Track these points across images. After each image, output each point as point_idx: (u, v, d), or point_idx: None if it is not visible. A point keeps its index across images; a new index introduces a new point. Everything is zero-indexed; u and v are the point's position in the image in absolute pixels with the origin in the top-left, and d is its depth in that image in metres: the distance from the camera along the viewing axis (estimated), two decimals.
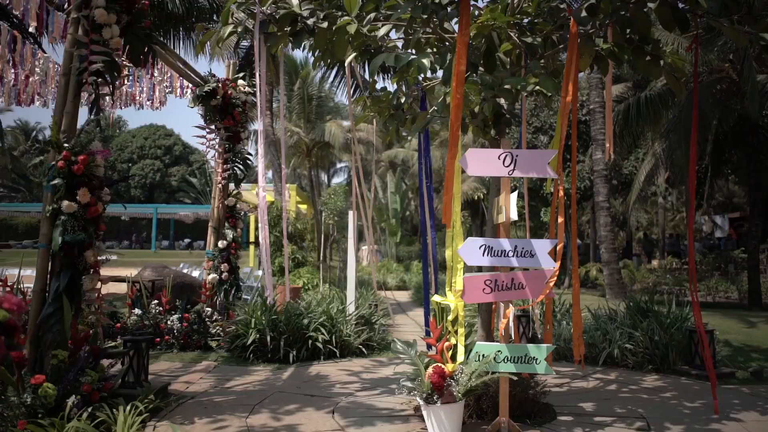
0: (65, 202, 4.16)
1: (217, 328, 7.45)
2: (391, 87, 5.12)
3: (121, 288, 10.56)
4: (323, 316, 7.30)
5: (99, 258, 4.50)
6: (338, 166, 45.20)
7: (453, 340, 4.12)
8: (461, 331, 4.10)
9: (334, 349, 7.01)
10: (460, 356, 4.05)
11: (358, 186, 7.07)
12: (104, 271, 4.78)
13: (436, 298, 4.24)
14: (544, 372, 4.06)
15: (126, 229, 53.16)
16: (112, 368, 4.80)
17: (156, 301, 7.54)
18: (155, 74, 7.08)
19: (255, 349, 6.82)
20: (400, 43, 4.97)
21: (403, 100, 4.92)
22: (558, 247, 4.14)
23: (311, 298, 8.67)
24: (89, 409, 4.01)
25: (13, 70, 6.34)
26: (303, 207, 27.86)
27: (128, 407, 4.19)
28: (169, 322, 7.30)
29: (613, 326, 6.88)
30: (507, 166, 4.14)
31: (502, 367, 4.07)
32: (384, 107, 4.91)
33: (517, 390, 4.48)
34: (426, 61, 4.03)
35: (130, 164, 53.86)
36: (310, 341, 6.95)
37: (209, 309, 7.62)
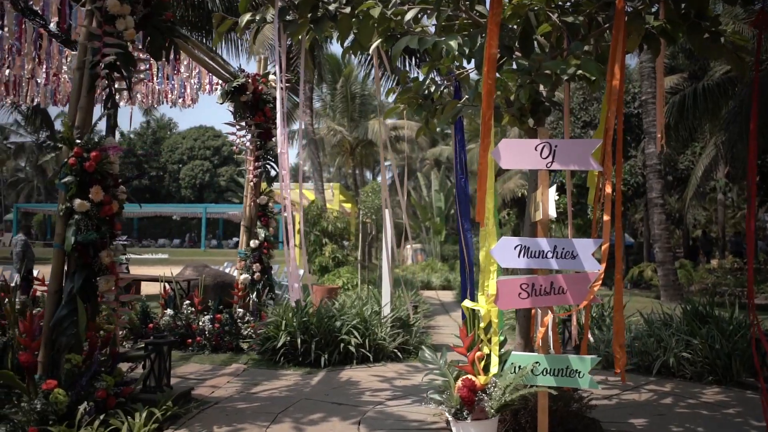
0: (77, 201, 4.01)
1: (249, 329, 7.27)
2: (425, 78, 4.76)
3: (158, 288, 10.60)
4: (356, 319, 7.02)
5: (115, 258, 4.34)
6: (384, 164, 44.98)
7: (486, 350, 3.76)
8: (495, 339, 3.73)
9: (368, 353, 6.72)
10: (494, 368, 3.68)
11: (400, 185, 6.75)
12: (150, 271, 4.65)
13: (466, 303, 3.89)
14: (588, 386, 3.65)
15: (177, 228, 54.51)
16: (132, 371, 4.64)
17: (188, 302, 7.43)
18: (181, 70, 6.96)
19: (285, 352, 6.60)
20: (432, 30, 4.64)
21: (432, 89, 4.58)
22: (603, 247, 3.72)
23: (345, 299, 8.42)
24: (102, 416, 3.84)
25: (43, 69, 6.34)
26: (347, 206, 27.76)
27: (144, 414, 4.02)
28: (200, 323, 7.18)
29: (668, 332, 6.34)
30: (545, 158, 3.74)
31: (541, 381, 3.68)
32: (413, 97, 4.58)
33: (559, 404, 4.08)
34: (453, 44, 3.69)
35: (180, 165, 55.17)
36: (342, 344, 6.68)
37: (241, 310, 7.46)
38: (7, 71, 6.65)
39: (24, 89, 7.21)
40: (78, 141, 4.03)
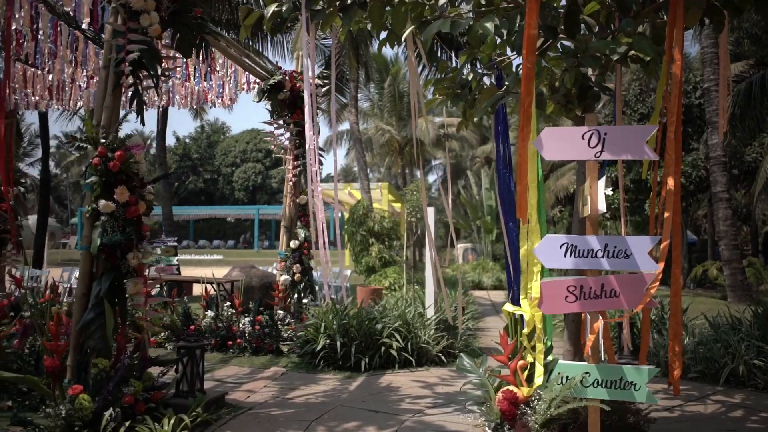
0: (102, 202, 3.92)
1: (289, 331, 7.14)
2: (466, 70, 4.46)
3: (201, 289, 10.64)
4: (398, 321, 6.77)
5: (145, 260, 4.24)
6: (433, 163, 44.60)
7: (529, 358, 3.44)
8: (539, 347, 3.41)
9: (410, 357, 6.46)
10: (538, 378, 3.36)
11: (443, 185, 6.46)
12: (203, 272, 4.55)
13: (507, 307, 3.57)
14: (645, 400, 3.28)
15: (232, 230, 55.67)
16: (163, 375, 4.54)
17: (228, 303, 7.36)
18: (217, 68, 6.90)
19: (325, 356, 6.42)
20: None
21: (470, 78, 4.27)
22: (662, 245, 3.34)
23: (388, 301, 8.18)
24: (128, 423, 3.73)
25: (84, 73, 6.39)
26: (397, 205, 27.53)
27: (172, 420, 3.90)
28: (241, 325, 7.09)
29: (736, 337, 5.80)
30: (593, 147, 3.39)
31: (591, 393, 3.33)
32: (450, 87, 4.29)
33: (613, 418, 3.71)
34: (490, 26, 3.38)
35: (233, 168, 56.31)
36: (383, 348, 6.45)
37: (281, 311, 7.34)
38: (50, 76, 6.75)
39: (68, 93, 7.32)
40: (102, 140, 3.95)
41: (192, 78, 7.07)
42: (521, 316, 3.58)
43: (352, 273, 15.41)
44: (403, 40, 4.25)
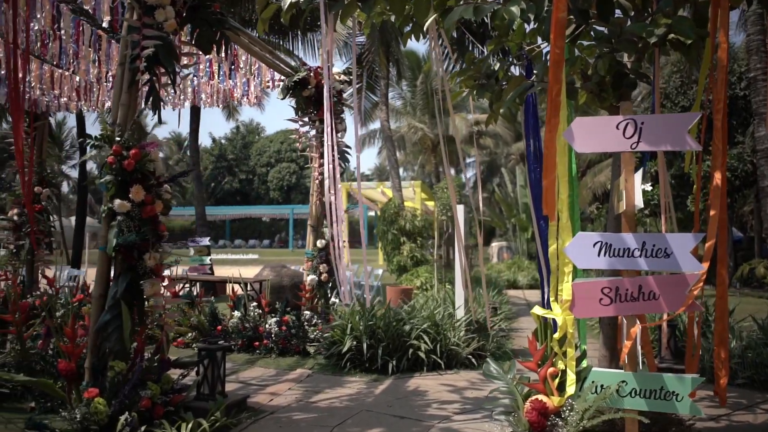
0: (117, 201, 3.85)
1: (316, 332, 7.02)
2: (492, 62, 4.22)
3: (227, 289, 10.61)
4: (427, 322, 6.58)
5: (163, 261, 4.15)
6: (467, 161, 44.16)
7: (560, 365, 3.21)
8: (571, 353, 3.18)
9: (438, 360, 6.25)
10: (571, 387, 3.13)
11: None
12: (234, 271, 4.47)
13: (536, 310, 3.35)
14: (688, 412, 3.02)
15: (267, 229, 56.30)
16: (183, 378, 4.45)
17: (255, 303, 7.28)
18: (240, 66, 6.81)
19: (352, 357, 6.27)
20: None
21: (497, 68, 4.05)
22: (707, 244, 3.07)
23: (418, 301, 7.99)
24: (144, 428, 3.64)
25: (110, 73, 6.39)
26: (430, 204, 27.26)
27: (189, 425, 3.80)
28: (267, 326, 7.00)
29: None
30: (628, 138, 3.14)
31: (629, 403, 3.08)
32: (475, 77, 4.07)
33: (653, 430, 3.44)
34: (515, 10, 3.17)
35: (268, 168, 56.87)
36: (411, 350, 6.26)
37: (308, 312, 7.22)
38: (77, 78, 6.77)
39: (95, 93, 7.35)
40: (118, 139, 3.87)
41: (216, 76, 7.00)
42: (552, 319, 3.35)
43: (384, 272, 15.27)
44: (425, 29, 4.06)
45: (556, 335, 3.21)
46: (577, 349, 3.57)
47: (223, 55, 6.02)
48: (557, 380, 3.16)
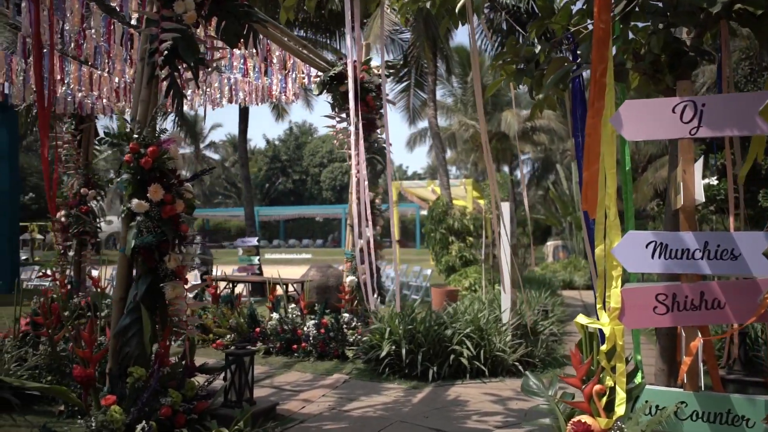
0: (135, 201, 3.70)
1: (356, 335, 6.78)
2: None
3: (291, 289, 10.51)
4: (470, 326, 6.23)
5: (186, 262, 3.99)
6: (522, 158, 43.14)
7: (609, 382, 2.83)
8: (621, 368, 2.79)
9: (482, 367, 5.90)
10: (620, 407, 2.74)
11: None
12: (289, 271, 4.31)
13: (580, 319, 2.97)
14: None
15: (320, 229, 56.76)
16: (209, 384, 4.28)
17: (293, 305, 7.11)
18: (274, 61, 6.63)
19: (390, 363, 6.00)
20: None
21: (537, 50, 3.67)
22: None
23: (462, 302, 7.64)
24: None
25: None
26: (482, 202, 26.68)
27: None
28: (305, 328, 6.81)
29: None
30: (687, 123, 2.74)
31: (689, 428, 2.68)
32: (512, 61, 3.71)
33: None
34: None
35: (321, 168, 57.37)
36: (452, 356, 5.94)
37: (347, 314, 6.99)
38: (116, 79, 6.78)
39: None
40: (136, 136, 3.73)
41: (251, 73, 6.86)
42: (599, 329, 2.97)
43: (432, 272, 14.94)
44: (456, 10, 3.74)
45: (604, 347, 2.83)
46: (629, 362, 3.17)
47: (254, 50, 5.87)
48: (605, 399, 2.78)
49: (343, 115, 7.05)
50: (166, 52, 3.76)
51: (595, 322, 2.87)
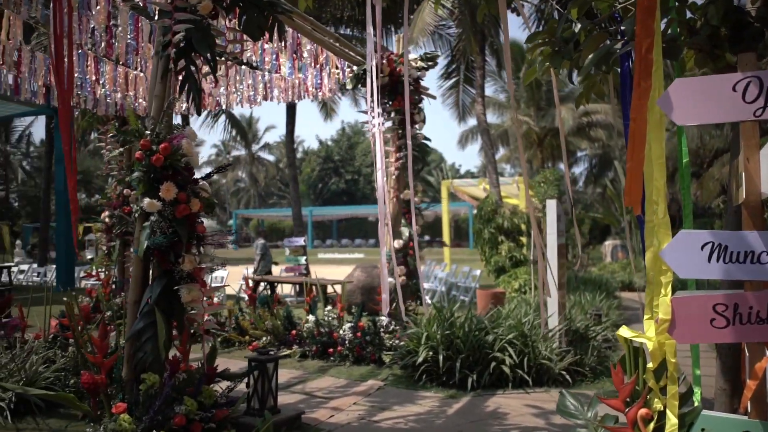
0: (146, 200, 3.55)
1: (393, 340, 6.50)
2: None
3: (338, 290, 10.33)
4: (513, 332, 5.85)
5: (204, 264, 3.82)
6: (578, 155, 41.82)
7: (657, 405, 2.45)
8: (673, 390, 2.41)
9: (525, 376, 5.51)
10: None
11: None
12: (339, 271, 4.12)
13: (623, 332, 2.60)
14: None
15: (372, 228, 56.78)
16: (230, 391, 4.10)
17: (329, 308, 6.90)
18: (305, 55, 6.41)
19: (427, 370, 5.70)
20: None
21: (577, 29, 3.29)
22: None
23: (508, 305, 7.24)
24: None
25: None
26: (536, 200, 25.87)
27: None
28: (341, 332, 6.59)
29: None
30: (750, 102, 2.33)
31: None
32: (548, 42, 3.34)
33: None
34: None
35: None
36: (493, 363, 5.58)
37: (385, 317, 6.72)
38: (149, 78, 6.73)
39: None
40: (148, 132, 3.58)
41: (283, 68, 6.68)
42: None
43: (481, 273, 14.49)
44: None
45: (650, 365, 2.45)
46: (681, 381, 2.77)
47: (283, 43, 5.68)
48: (652, 425, 2.41)
49: (380, 110, 6.77)
50: (179, 44, 3.58)
51: (640, 335, 2.49)
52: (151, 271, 3.79)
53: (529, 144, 31.84)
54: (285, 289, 14.10)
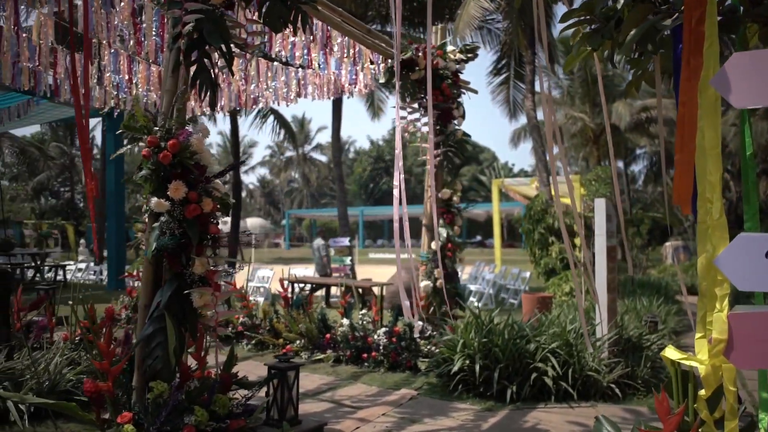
0: (154, 200, 3.38)
1: (430, 346, 6.20)
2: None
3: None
4: (557, 340, 5.45)
5: (217, 266, 3.63)
6: (637, 152, 40.22)
7: None
8: (731, 425, 2.03)
9: (570, 389, 5.10)
10: None
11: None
12: (385, 272, 3.93)
13: (669, 353, 2.22)
14: None
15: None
16: (247, 400, 3.90)
17: (363, 311, 6.66)
18: (335, 49, 6.15)
19: (464, 379, 5.37)
20: None
21: (620, 5, 2.90)
22: None
23: (557, 311, 6.82)
24: None
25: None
26: (588, 199, 24.88)
27: None
28: (376, 336, 6.34)
29: None
30: None
31: None
32: (587, 20, 2.97)
33: None
34: None
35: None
36: (534, 374, 5.19)
37: (421, 322, 6.43)
38: None
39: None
40: (157, 129, 3.41)
41: (315, 63, 6.45)
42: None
43: (531, 275, 13.96)
44: None
45: (703, 392, 2.07)
46: (742, 411, 2.37)
47: (312, 37, 5.48)
48: None
49: (415, 105, 6.49)
50: (189, 36, 3.40)
51: (689, 358, 2.11)
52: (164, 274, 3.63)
53: (585, 141, 30.76)
54: (332, 290, 14.00)
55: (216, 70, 3.73)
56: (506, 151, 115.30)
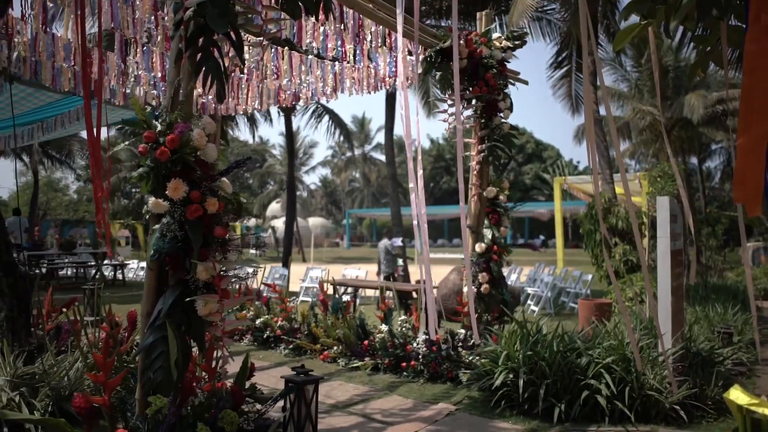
0: (152, 200, 3.14)
1: (473, 356, 5.76)
2: None
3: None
4: (612, 355, 4.90)
5: (225, 271, 3.36)
6: (712, 147, 37.89)
7: None
8: None
9: (626, 411, 4.56)
10: None
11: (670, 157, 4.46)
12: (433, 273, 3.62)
13: (735, 395, 1.74)
14: None
15: None
16: (262, 415, 3.62)
17: (403, 317, 6.29)
18: (368, 38, 5.77)
19: (507, 394, 4.91)
20: None
21: None
22: None
23: (613, 321, 6.21)
24: None
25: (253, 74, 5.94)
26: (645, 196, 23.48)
27: None
28: (415, 344, 5.96)
29: None
30: None
31: None
32: None
33: None
34: None
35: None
36: (586, 392, 4.68)
37: (464, 330, 6.00)
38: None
39: (243, 90, 7.08)
40: (155, 122, 3.17)
41: (349, 55, 6.12)
42: None
43: (593, 278, 13.18)
44: None
45: None
46: None
47: (342, 26, 5.15)
48: None
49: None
50: (194, 21, 3.15)
51: (762, 404, 1.63)
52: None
53: (654, 137, 29.16)
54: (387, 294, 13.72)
55: (223, 61, 3.46)
56: (570, 148, 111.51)
